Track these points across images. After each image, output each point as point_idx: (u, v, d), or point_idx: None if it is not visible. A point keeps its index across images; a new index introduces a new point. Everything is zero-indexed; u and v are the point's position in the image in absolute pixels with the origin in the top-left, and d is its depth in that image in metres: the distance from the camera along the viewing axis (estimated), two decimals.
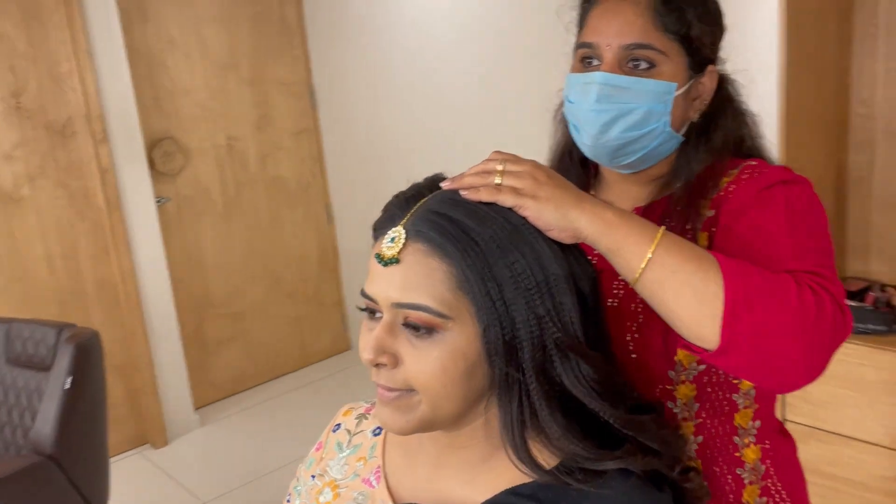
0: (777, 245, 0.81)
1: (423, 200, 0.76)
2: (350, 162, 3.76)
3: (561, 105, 1.05)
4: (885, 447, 1.87)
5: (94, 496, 1.87)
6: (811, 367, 0.75)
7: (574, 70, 0.97)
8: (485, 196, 0.74)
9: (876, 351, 1.83)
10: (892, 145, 2.04)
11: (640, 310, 0.92)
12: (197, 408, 3.44)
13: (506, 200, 0.73)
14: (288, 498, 0.96)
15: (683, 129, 0.96)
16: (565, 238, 0.74)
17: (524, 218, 0.74)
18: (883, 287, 2.04)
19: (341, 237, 3.94)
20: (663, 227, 0.76)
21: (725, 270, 0.73)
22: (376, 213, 0.81)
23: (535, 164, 0.78)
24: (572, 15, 1.01)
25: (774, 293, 0.72)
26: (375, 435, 0.90)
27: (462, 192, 0.75)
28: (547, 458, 0.74)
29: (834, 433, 1.94)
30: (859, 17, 2.02)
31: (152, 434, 3.23)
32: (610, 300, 0.94)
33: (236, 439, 3.28)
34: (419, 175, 0.84)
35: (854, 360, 1.86)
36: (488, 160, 0.79)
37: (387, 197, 0.82)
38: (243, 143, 3.58)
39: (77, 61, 2.87)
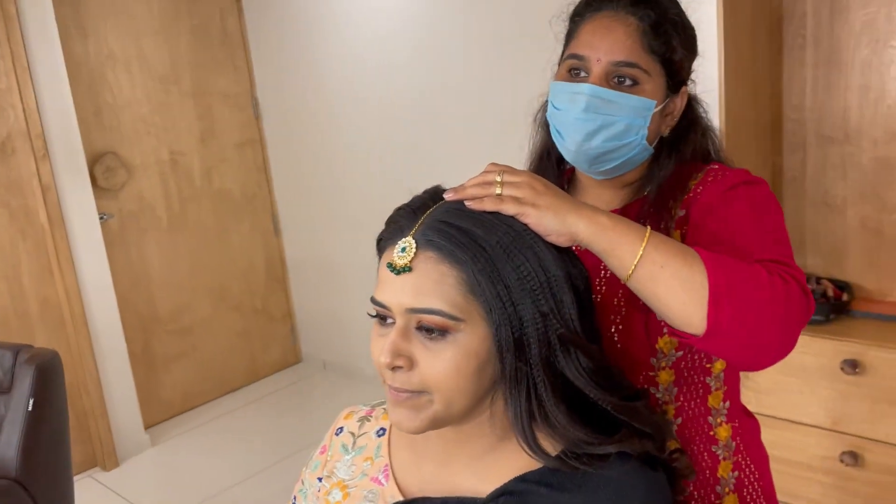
0: (743, 238, 0.90)
1: (428, 211, 0.80)
2: (296, 172, 3.76)
3: (541, 109, 1.12)
4: (824, 429, 2.00)
5: None
6: (784, 345, 0.83)
7: (561, 79, 1.03)
8: (489, 206, 0.79)
9: (815, 339, 1.96)
10: (821, 147, 2.19)
11: (622, 303, 0.99)
12: (147, 427, 3.37)
13: (508, 209, 0.79)
14: (293, 500, 0.99)
15: (654, 143, 1.05)
16: (563, 242, 0.80)
17: (525, 224, 0.79)
18: (818, 280, 2.19)
19: (289, 248, 3.93)
20: (650, 227, 0.83)
21: (707, 262, 0.80)
22: (324, 223, 0.85)
23: (531, 174, 0.84)
24: (562, 26, 1.08)
25: (750, 281, 0.80)
26: (379, 436, 0.94)
27: (467, 203, 0.80)
28: (552, 446, 0.79)
29: (778, 418, 2.07)
30: (789, 29, 2.17)
31: (102, 456, 3.15)
32: (595, 295, 1.00)
33: (189, 458, 3.23)
34: (366, 184, 0.89)
35: (796, 348, 1.98)
36: (486, 172, 0.84)
37: (334, 206, 0.86)
38: (187, 157, 3.54)
39: (16, 77, 2.80)
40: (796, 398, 2.02)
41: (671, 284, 0.79)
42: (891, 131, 2.05)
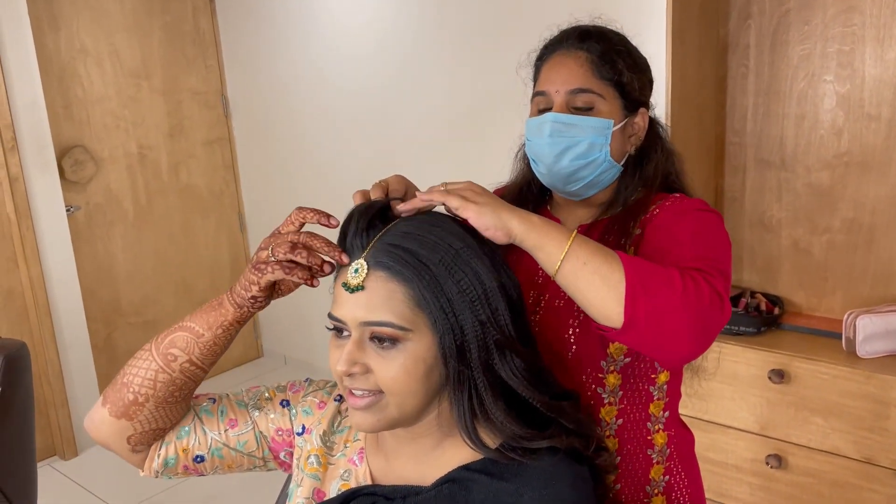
0: (676, 251, 1.01)
1: (378, 234, 0.90)
2: (264, 171, 3.83)
3: (521, 147, 1.25)
4: (753, 433, 2.15)
5: None
6: (695, 341, 0.92)
7: (531, 115, 1.17)
8: (436, 197, 0.91)
9: (748, 350, 2.11)
10: (760, 171, 2.34)
11: (581, 309, 1.09)
12: None
13: (452, 202, 0.90)
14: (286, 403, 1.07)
15: (623, 160, 1.17)
16: (500, 237, 0.90)
17: (463, 242, 0.89)
18: (753, 294, 2.34)
19: (254, 245, 4.00)
20: (576, 230, 0.94)
21: (625, 262, 0.90)
22: None
23: (471, 181, 0.96)
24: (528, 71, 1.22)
25: (663, 280, 0.90)
26: None
27: (418, 195, 0.92)
28: (491, 440, 0.91)
29: (712, 422, 2.22)
30: (733, 59, 2.32)
31: (62, 445, 3.19)
32: (557, 300, 1.12)
33: None
34: (332, 184, 1.01)
35: (729, 358, 2.14)
36: (432, 187, 0.95)
37: (299, 205, 0.96)
38: (155, 152, 3.59)
39: None
40: (728, 404, 2.17)
41: (592, 280, 0.89)
42: (822, 159, 2.22)
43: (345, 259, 0.89)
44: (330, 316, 0.90)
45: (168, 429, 1.01)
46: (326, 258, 0.90)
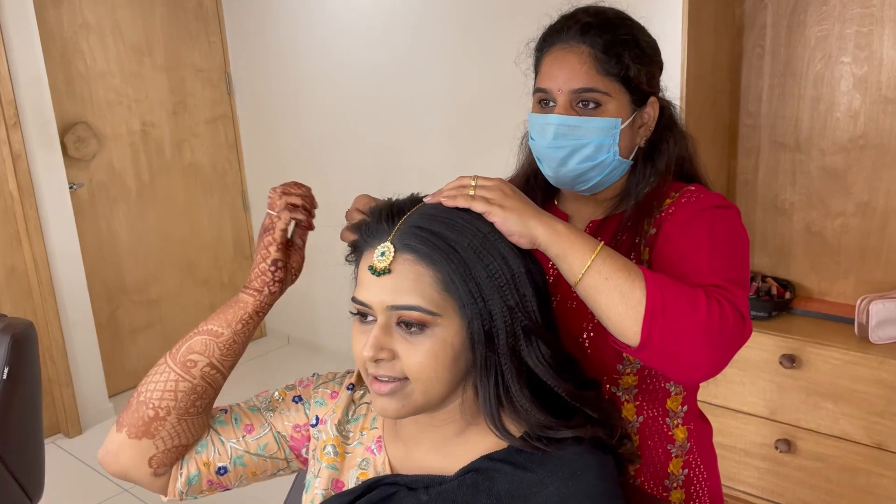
0: (695, 261, 0.97)
1: (404, 217, 0.88)
2: (267, 150, 3.79)
3: (526, 134, 1.19)
4: (763, 417, 2.15)
5: (31, 486, 1.89)
6: (712, 366, 0.91)
7: (534, 110, 1.11)
8: (461, 202, 0.87)
9: (759, 334, 2.10)
10: (773, 153, 2.31)
11: None
12: (111, 395, 3.41)
13: (477, 207, 0.87)
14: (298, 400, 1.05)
15: (632, 154, 1.12)
16: (524, 243, 0.88)
17: (490, 227, 0.87)
18: (764, 278, 2.32)
19: (257, 224, 3.97)
20: (602, 242, 0.91)
21: (649, 282, 0.87)
22: None
23: (501, 180, 0.92)
24: (528, 62, 1.16)
25: (687, 304, 0.87)
26: None
27: (443, 201, 0.88)
28: (516, 429, 0.89)
29: (721, 406, 2.21)
30: (749, 39, 2.28)
31: (66, 423, 3.19)
32: (570, 302, 1.09)
33: None
34: (336, 164, 1.01)
35: None
36: (462, 177, 0.92)
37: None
38: (158, 129, 3.55)
39: None
40: (738, 388, 2.17)
41: (612, 296, 0.87)
42: (838, 142, 2.19)
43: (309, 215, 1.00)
44: (354, 300, 0.88)
45: (190, 445, 0.98)
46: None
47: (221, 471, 0.99)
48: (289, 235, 1.00)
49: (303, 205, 0.98)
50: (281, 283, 0.97)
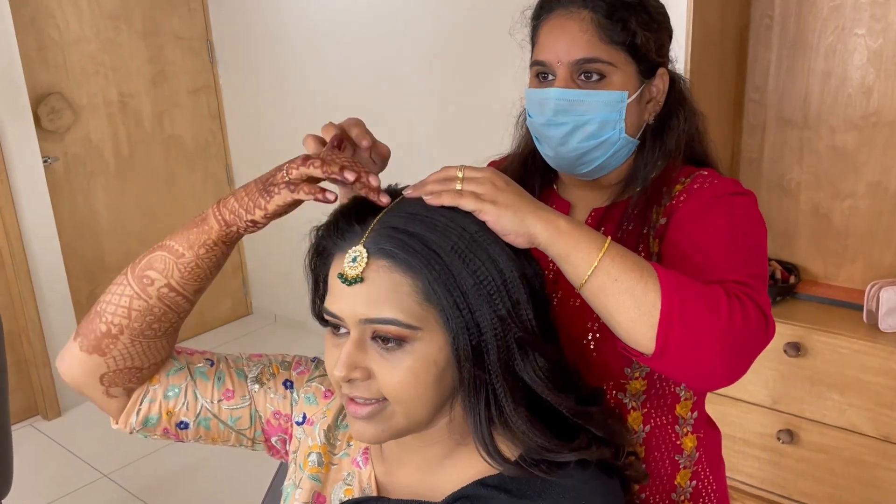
0: (714, 255, 0.87)
1: (378, 216, 0.76)
2: (252, 122, 3.65)
3: (523, 111, 1.07)
4: (765, 407, 2.07)
5: None
6: (732, 373, 0.81)
7: (531, 85, 1.00)
8: (447, 200, 0.75)
9: None
10: (780, 131, 2.20)
11: None
12: None
13: (467, 205, 0.75)
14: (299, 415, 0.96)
15: (640, 133, 1.00)
16: (521, 243, 0.77)
17: (478, 225, 0.76)
18: (768, 260, 2.23)
19: None
20: (609, 238, 0.80)
21: (664, 283, 0.77)
22: None
23: (493, 171, 0.80)
24: (525, 32, 1.03)
25: (705, 305, 0.77)
26: None
27: (425, 198, 0.76)
28: (510, 451, 0.79)
29: (722, 395, 2.13)
30: (756, 9, 2.16)
31: (44, 405, 3.09)
32: (572, 300, 0.99)
33: None
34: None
35: None
36: (447, 167, 0.80)
37: (290, 158, 0.83)
38: (137, 100, 3.41)
39: None
40: None
41: (623, 300, 0.77)
42: (849, 120, 2.08)
43: (373, 182, 0.78)
44: (324, 311, 0.77)
45: (146, 368, 0.87)
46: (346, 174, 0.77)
47: (182, 425, 0.91)
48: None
49: (325, 174, 0.79)
50: (253, 232, 0.85)
